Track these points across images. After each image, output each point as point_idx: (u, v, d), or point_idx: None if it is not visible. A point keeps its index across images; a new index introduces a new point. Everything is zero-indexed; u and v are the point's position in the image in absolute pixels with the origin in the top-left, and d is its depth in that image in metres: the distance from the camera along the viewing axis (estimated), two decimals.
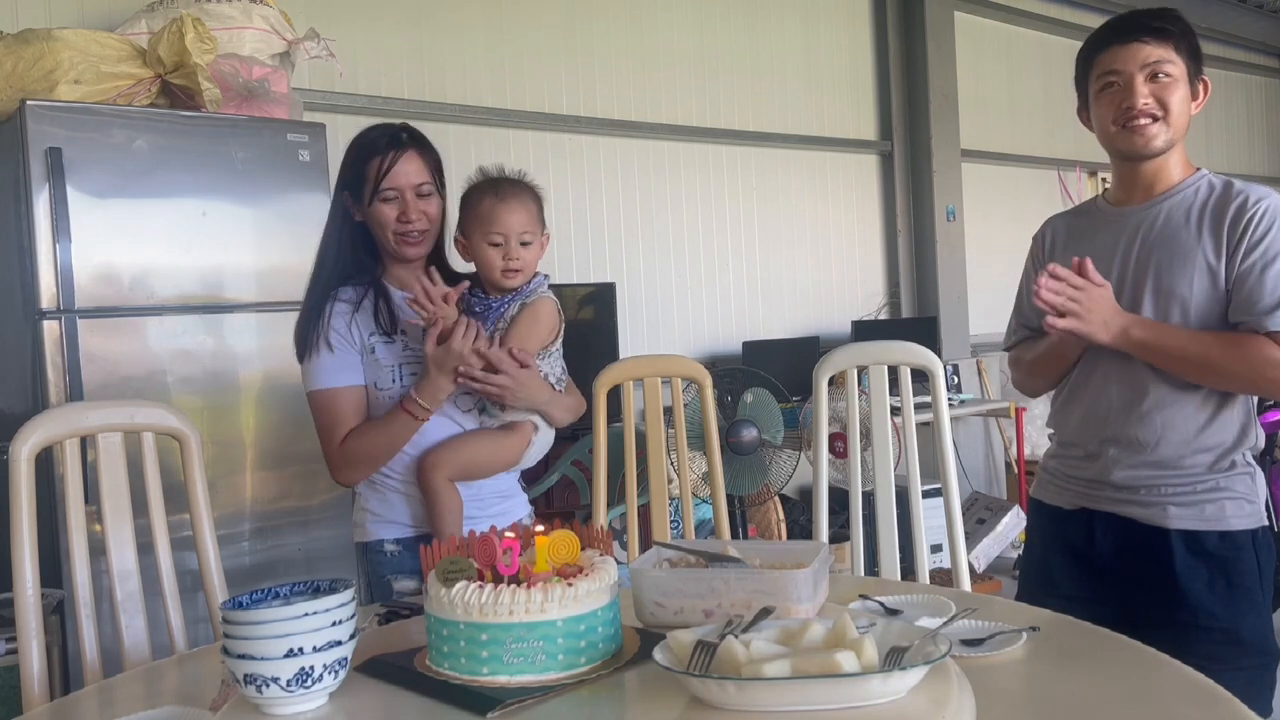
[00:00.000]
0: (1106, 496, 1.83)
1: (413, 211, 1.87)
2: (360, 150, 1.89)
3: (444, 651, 1.19)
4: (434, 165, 1.92)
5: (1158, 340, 1.72)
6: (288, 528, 2.88)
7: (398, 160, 1.85)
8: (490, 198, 1.86)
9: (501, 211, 1.85)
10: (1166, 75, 1.76)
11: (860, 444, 2.68)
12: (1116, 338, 1.71)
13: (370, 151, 1.87)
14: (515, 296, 1.89)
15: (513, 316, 1.88)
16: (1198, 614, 1.72)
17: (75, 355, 2.54)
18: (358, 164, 1.88)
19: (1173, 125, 1.77)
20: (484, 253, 1.86)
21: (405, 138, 1.89)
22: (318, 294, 1.90)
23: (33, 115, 2.53)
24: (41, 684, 1.57)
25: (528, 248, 1.87)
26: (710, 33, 4.97)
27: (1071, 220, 2.00)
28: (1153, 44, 1.76)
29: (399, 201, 1.86)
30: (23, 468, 1.62)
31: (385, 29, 3.93)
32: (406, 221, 1.86)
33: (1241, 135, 8.32)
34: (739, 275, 5.11)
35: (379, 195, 1.85)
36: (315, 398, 1.89)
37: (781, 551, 1.50)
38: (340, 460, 1.87)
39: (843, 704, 1.02)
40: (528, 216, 1.87)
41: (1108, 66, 1.80)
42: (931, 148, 5.66)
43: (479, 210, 1.87)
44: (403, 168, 1.86)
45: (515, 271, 1.86)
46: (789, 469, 3.76)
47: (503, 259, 1.85)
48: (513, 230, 1.85)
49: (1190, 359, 1.72)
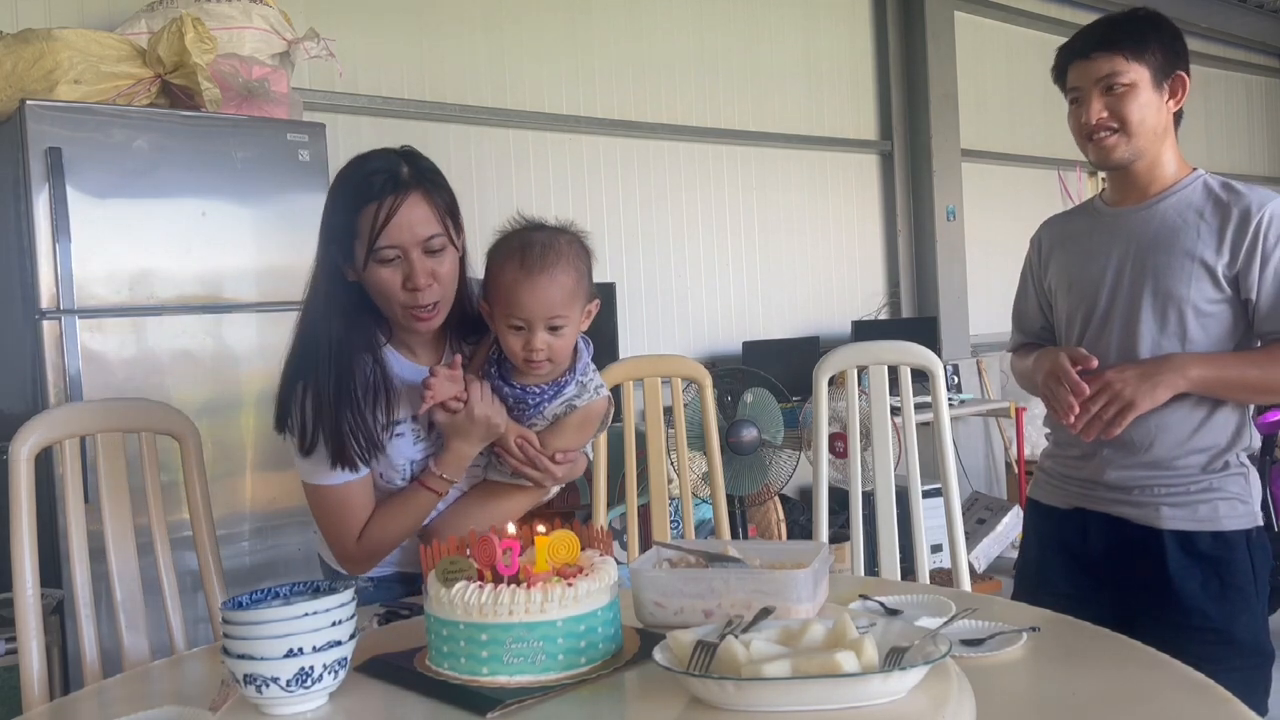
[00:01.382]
0: (1100, 496, 1.83)
1: (420, 276, 1.49)
2: (350, 194, 1.50)
3: (444, 651, 1.19)
4: (446, 206, 1.53)
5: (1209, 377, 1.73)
6: (288, 528, 2.88)
7: (398, 209, 1.47)
8: (514, 268, 1.48)
9: (524, 292, 1.47)
10: (1121, 86, 1.76)
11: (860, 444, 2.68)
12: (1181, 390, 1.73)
13: (363, 197, 1.48)
14: (561, 389, 1.57)
15: (558, 415, 1.60)
16: (1191, 614, 1.72)
17: (75, 355, 2.54)
18: (347, 211, 1.49)
19: (1135, 134, 1.77)
20: (504, 336, 1.52)
21: (407, 174, 1.50)
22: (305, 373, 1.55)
23: (33, 115, 2.53)
24: (41, 684, 1.57)
25: (559, 333, 1.50)
26: (710, 33, 4.97)
27: (1067, 222, 2.00)
28: (1104, 57, 1.77)
29: (401, 263, 1.49)
30: (22, 468, 1.62)
31: (385, 29, 3.92)
32: (414, 289, 1.49)
33: (1241, 135, 8.32)
34: (739, 275, 5.11)
35: (375, 255, 1.48)
36: (321, 492, 1.60)
37: (781, 551, 1.50)
38: (360, 555, 1.62)
39: (843, 704, 1.02)
40: (561, 296, 1.49)
41: (1071, 82, 1.83)
42: (931, 148, 5.66)
43: (500, 281, 1.50)
44: (405, 218, 1.47)
45: (541, 363, 1.53)
46: (789, 469, 3.76)
47: (524, 348, 1.50)
48: (538, 316, 1.48)
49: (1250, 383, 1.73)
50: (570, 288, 1.50)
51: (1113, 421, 1.73)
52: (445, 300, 1.55)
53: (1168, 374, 1.72)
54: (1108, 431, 1.75)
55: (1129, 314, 1.79)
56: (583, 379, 1.60)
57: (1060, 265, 1.94)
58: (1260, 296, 1.72)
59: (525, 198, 4.24)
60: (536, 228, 1.54)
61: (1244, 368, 1.73)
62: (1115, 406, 1.73)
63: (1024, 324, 2.07)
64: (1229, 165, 7.72)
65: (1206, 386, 1.73)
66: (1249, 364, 1.73)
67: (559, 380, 1.58)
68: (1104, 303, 1.82)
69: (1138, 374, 1.73)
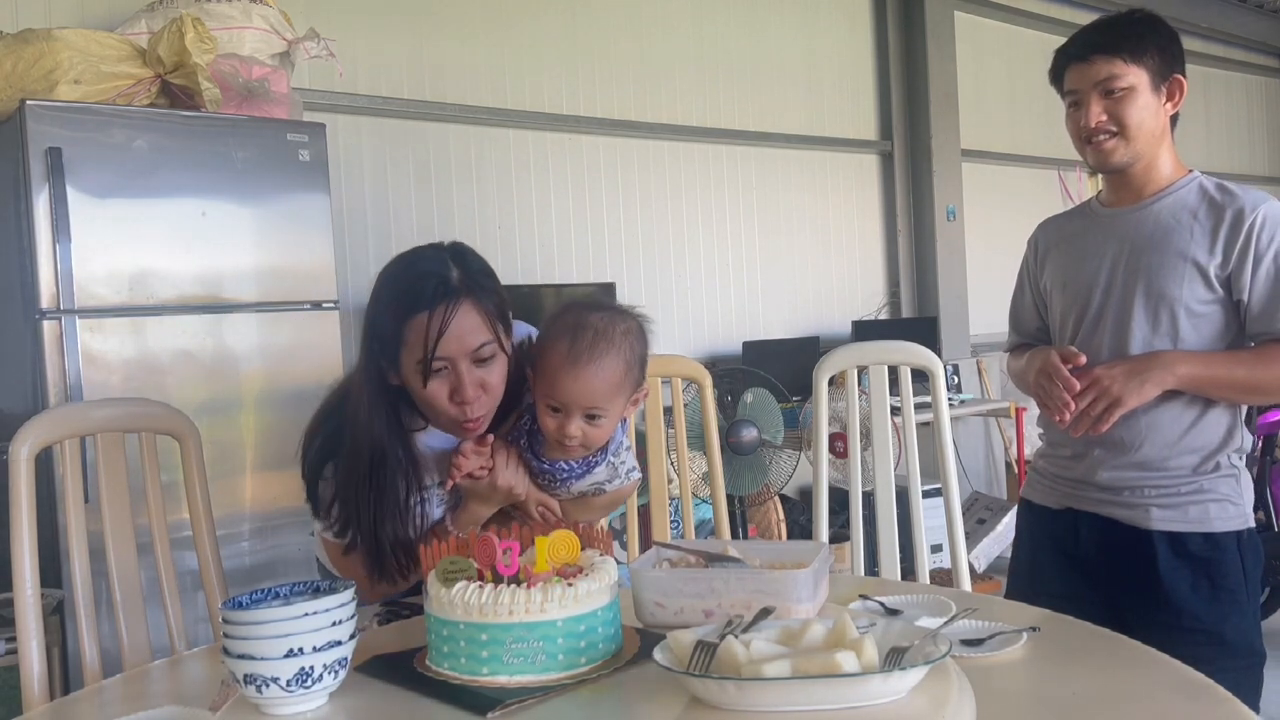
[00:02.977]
0: (1091, 497, 1.84)
1: (469, 389, 1.43)
2: (398, 299, 1.43)
3: (444, 651, 1.19)
4: (497, 311, 1.46)
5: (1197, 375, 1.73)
6: (288, 528, 2.88)
7: (450, 321, 1.40)
8: (561, 351, 1.42)
9: (566, 379, 1.42)
10: (1120, 90, 1.76)
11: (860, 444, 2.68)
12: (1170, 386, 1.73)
13: (412, 306, 1.41)
14: (591, 467, 1.53)
15: (585, 493, 1.57)
16: (1181, 616, 1.72)
17: (75, 355, 2.54)
18: (395, 318, 1.43)
19: (1134, 137, 1.78)
20: (542, 412, 1.47)
21: (457, 279, 1.42)
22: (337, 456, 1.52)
23: (33, 115, 2.53)
24: (41, 684, 1.57)
25: (596, 422, 1.45)
26: (710, 33, 4.97)
27: (1063, 223, 2.00)
28: (1103, 60, 1.77)
29: (449, 374, 1.44)
30: (23, 468, 1.62)
31: (385, 29, 3.92)
32: (462, 402, 1.44)
33: (1242, 135, 8.32)
34: (739, 275, 5.11)
35: (420, 367, 1.43)
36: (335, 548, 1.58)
37: (781, 551, 1.50)
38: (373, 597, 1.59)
39: (843, 704, 1.02)
40: (604, 389, 1.43)
41: (1069, 85, 1.83)
42: (931, 148, 5.66)
43: (547, 361, 1.44)
44: (456, 330, 1.40)
45: (572, 448, 1.49)
46: (789, 469, 3.76)
47: (557, 431, 1.46)
48: (576, 405, 1.43)
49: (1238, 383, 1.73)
50: (615, 381, 1.44)
51: (1101, 418, 1.74)
52: (492, 409, 1.49)
53: (1156, 371, 1.72)
54: (1096, 428, 1.75)
55: (1121, 314, 1.79)
56: (614, 460, 1.55)
57: (1055, 266, 1.94)
58: (1252, 297, 1.72)
59: (525, 198, 4.24)
60: (596, 308, 1.48)
61: (1232, 367, 1.73)
62: (1103, 403, 1.73)
63: (1020, 325, 2.08)
64: (1229, 165, 7.72)
65: (1194, 384, 1.73)
66: (1238, 363, 1.73)
67: (590, 459, 1.53)
68: (1097, 302, 1.83)
69: (1125, 371, 1.73)
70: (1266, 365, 1.72)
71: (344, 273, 3.43)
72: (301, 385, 2.88)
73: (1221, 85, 8.02)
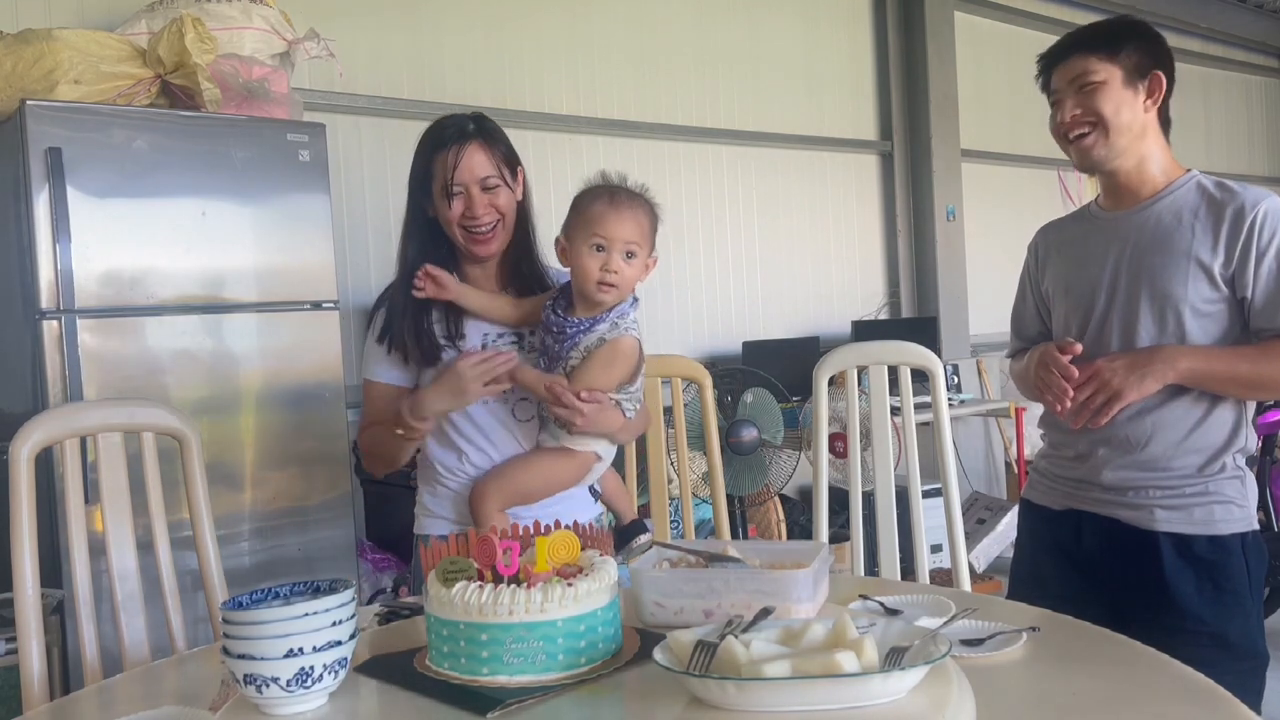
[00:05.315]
0: (1095, 498, 1.83)
1: (479, 206, 1.81)
2: (427, 145, 1.86)
3: (444, 651, 1.19)
4: (503, 156, 1.86)
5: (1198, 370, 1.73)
6: (288, 528, 2.88)
7: (461, 155, 1.80)
8: (603, 202, 1.73)
9: (611, 217, 1.71)
10: (1092, 84, 1.78)
11: (860, 444, 2.68)
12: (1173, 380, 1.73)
13: (436, 146, 1.83)
14: (596, 323, 1.75)
15: (590, 348, 1.75)
16: (1185, 617, 1.72)
17: (75, 355, 2.54)
18: (425, 160, 1.85)
19: (1111, 129, 1.78)
20: (583, 258, 1.72)
21: (472, 129, 1.84)
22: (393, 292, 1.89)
23: (33, 115, 2.53)
24: (41, 684, 1.57)
25: (631, 262, 1.73)
26: (710, 32, 4.97)
27: (1064, 227, 2.00)
28: (1077, 57, 1.80)
29: (464, 197, 1.82)
30: (23, 468, 1.62)
31: (385, 29, 3.92)
32: (472, 217, 1.82)
33: (1241, 135, 8.32)
34: (739, 275, 5.11)
35: (444, 191, 1.82)
36: (366, 387, 1.93)
37: (781, 551, 1.51)
38: (361, 450, 1.95)
39: (843, 704, 1.02)
40: (638, 229, 1.73)
41: (1050, 87, 1.87)
42: (931, 148, 5.66)
43: (588, 213, 1.73)
44: (467, 162, 1.81)
45: (611, 286, 1.72)
46: (789, 469, 3.76)
47: (601, 269, 1.71)
48: (618, 238, 1.70)
49: (1241, 378, 1.73)
50: (646, 226, 1.75)
51: (1100, 410, 1.73)
52: (502, 228, 1.85)
53: (1157, 365, 1.72)
54: (1095, 420, 1.75)
55: (1127, 316, 1.79)
56: (619, 320, 1.77)
57: (1057, 271, 1.94)
58: (1255, 294, 1.72)
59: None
60: (620, 181, 1.79)
61: (1235, 362, 1.73)
62: (1103, 395, 1.73)
63: (1022, 330, 2.07)
64: (1229, 166, 7.71)
65: (1195, 379, 1.73)
66: (1241, 358, 1.73)
67: (596, 316, 1.75)
68: (1101, 306, 1.82)
69: (1127, 364, 1.73)
70: (1270, 360, 1.72)
71: (344, 273, 3.43)
72: (301, 385, 2.88)
73: (1221, 85, 8.02)
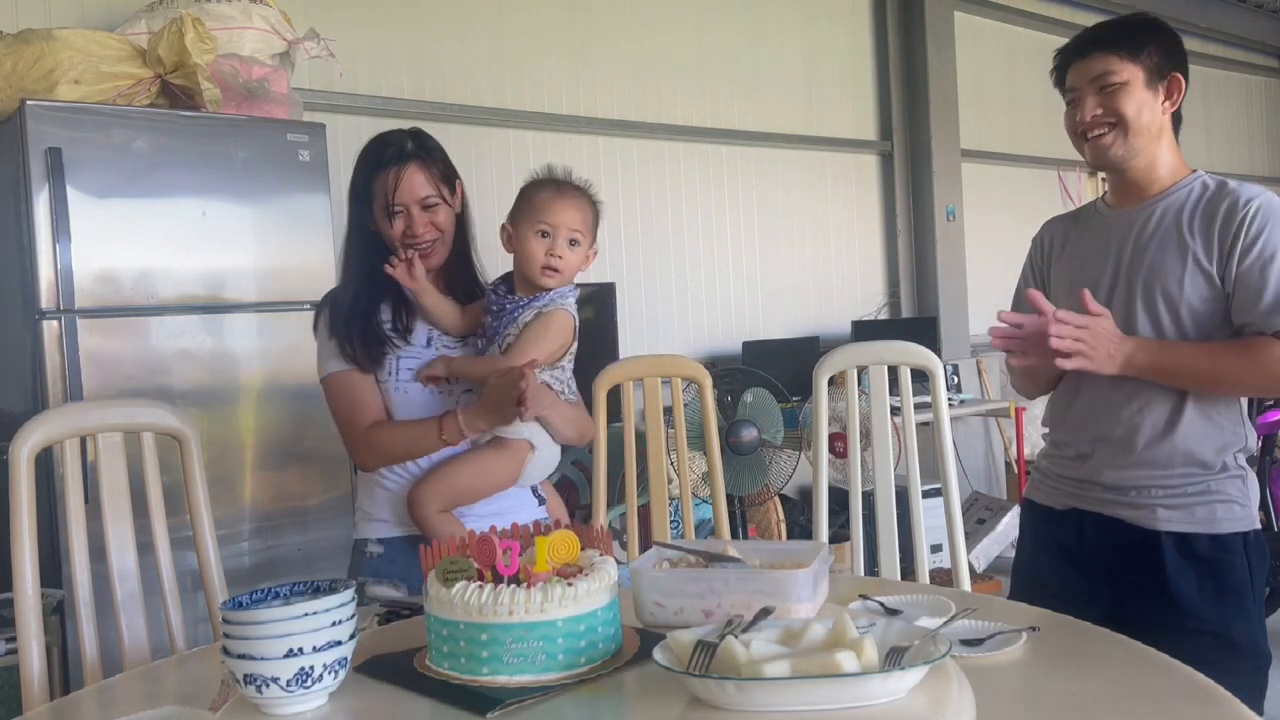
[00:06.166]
0: (1097, 497, 1.83)
1: (419, 225, 1.86)
2: (367, 164, 1.89)
3: (444, 651, 1.19)
4: (441, 174, 1.91)
5: (1163, 361, 1.71)
6: (287, 528, 2.88)
7: (401, 177, 1.84)
8: (550, 191, 1.84)
9: (558, 204, 1.82)
10: (1114, 84, 1.77)
11: (860, 444, 2.68)
12: (1123, 368, 1.71)
13: (376, 166, 1.87)
14: (534, 301, 1.84)
15: (525, 323, 1.83)
16: (1187, 617, 1.71)
17: (75, 355, 2.54)
18: (365, 178, 1.88)
19: (1131, 129, 1.77)
20: (528, 244, 1.81)
21: (411, 148, 1.88)
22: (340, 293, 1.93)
23: (33, 115, 2.53)
24: (41, 684, 1.57)
25: (574, 249, 1.83)
26: (710, 33, 4.97)
27: (1069, 223, 2.00)
28: (1099, 56, 1.78)
29: (405, 216, 1.86)
30: (23, 468, 1.62)
31: (385, 29, 3.92)
32: (413, 235, 1.86)
33: (1241, 135, 8.32)
34: (739, 275, 5.11)
35: (386, 211, 1.86)
36: (331, 381, 1.89)
37: (781, 551, 1.50)
38: (365, 445, 1.86)
39: (843, 704, 1.02)
40: (582, 219, 1.84)
41: (1068, 84, 1.85)
42: (931, 148, 5.66)
43: (535, 200, 1.83)
44: (407, 183, 1.85)
45: (555, 270, 1.81)
46: (789, 469, 3.76)
47: (546, 254, 1.80)
48: (563, 225, 1.81)
49: (1203, 374, 1.72)
50: (590, 216, 1.86)
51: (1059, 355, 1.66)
52: (441, 243, 1.90)
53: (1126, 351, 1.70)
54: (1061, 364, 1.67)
55: (1126, 313, 1.79)
56: (556, 298, 1.85)
57: (1060, 265, 1.94)
58: (1235, 288, 1.71)
59: None
60: (565, 176, 1.89)
61: (1195, 359, 1.71)
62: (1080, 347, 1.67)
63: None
64: (1229, 165, 7.72)
65: (1153, 373, 1.71)
66: (1203, 355, 1.71)
67: (537, 295, 1.84)
68: (1101, 301, 1.82)
69: (1113, 338, 1.70)
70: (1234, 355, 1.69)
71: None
72: (301, 385, 2.88)
73: (1221, 85, 8.03)
